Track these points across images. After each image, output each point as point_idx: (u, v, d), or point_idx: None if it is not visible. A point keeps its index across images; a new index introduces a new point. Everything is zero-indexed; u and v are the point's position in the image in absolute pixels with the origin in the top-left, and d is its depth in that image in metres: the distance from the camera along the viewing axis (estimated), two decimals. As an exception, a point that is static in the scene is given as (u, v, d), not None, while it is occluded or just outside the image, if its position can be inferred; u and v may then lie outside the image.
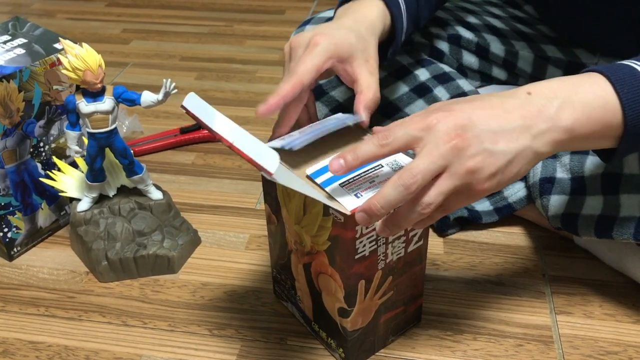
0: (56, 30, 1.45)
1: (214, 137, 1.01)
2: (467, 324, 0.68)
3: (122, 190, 0.77)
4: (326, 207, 0.53)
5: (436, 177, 0.47)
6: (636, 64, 0.51)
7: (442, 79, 0.81)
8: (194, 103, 0.51)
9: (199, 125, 1.02)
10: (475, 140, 0.46)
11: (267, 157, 0.45)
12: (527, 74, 0.86)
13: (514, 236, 0.80)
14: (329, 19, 0.88)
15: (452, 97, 0.79)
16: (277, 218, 0.61)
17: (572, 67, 0.84)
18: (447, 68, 0.82)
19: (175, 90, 0.69)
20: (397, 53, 0.72)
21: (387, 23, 0.64)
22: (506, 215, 0.79)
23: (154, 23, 1.47)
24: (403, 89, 0.80)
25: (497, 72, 0.87)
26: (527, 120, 0.48)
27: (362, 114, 0.57)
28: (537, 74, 0.86)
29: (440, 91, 0.79)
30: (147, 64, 1.28)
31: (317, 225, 0.55)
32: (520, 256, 0.77)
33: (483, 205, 0.80)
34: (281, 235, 0.62)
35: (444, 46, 0.85)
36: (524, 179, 0.77)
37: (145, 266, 0.73)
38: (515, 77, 0.87)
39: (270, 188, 0.60)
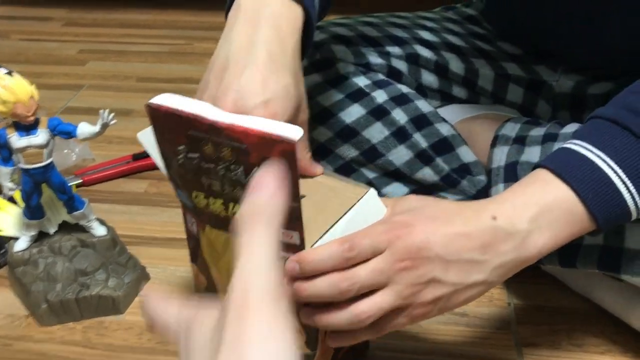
0: (10, 52, 1.40)
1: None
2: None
3: (64, 227, 0.72)
4: None
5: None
6: (592, 151, 0.49)
7: (400, 100, 0.78)
8: (172, 99, 0.45)
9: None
10: (427, 266, 0.45)
11: (285, 127, 0.41)
12: (488, 92, 0.84)
13: (478, 262, 0.77)
14: None
15: (410, 120, 0.76)
16: (207, 278, 0.56)
17: (533, 85, 0.81)
18: (405, 89, 0.79)
19: (114, 121, 0.65)
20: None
21: (301, 25, 0.53)
22: None
23: (112, 43, 1.43)
24: (360, 112, 0.77)
25: (458, 91, 0.84)
26: (488, 251, 0.46)
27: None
28: (498, 93, 0.83)
29: (398, 114, 0.76)
30: (103, 85, 1.24)
31: None
32: (485, 283, 0.74)
33: None
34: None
35: (402, 66, 0.82)
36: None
37: (88, 308, 0.69)
38: (477, 96, 0.85)
39: (195, 245, 0.54)
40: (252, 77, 0.48)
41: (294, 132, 0.40)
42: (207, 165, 0.45)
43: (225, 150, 0.43)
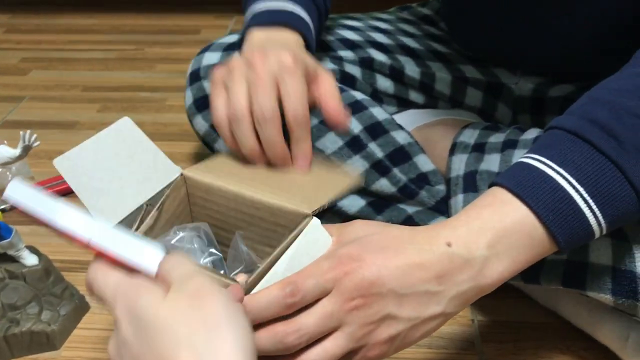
0: (-54, 62, 1.32)
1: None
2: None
3: (-9, 257, 0.67)
4: None
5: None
6: (551, 167, 0.45)
7: (354, 108, 0.73)
8: (22, 192, 0.39)
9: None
10: (380, 302, 0.41)
11: (145, 253, 0.36)
12: (446, 97, 0.80)
13: (441, 275, 0.73)
14: (232, 45, 0.81)
15: (365, 128, 0.72)
16: None
17: (492, 88, 0.78)
18: (359, 95, 0.75)
19: (37, 143, 0.59)
20: None
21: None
22: None
23: (57, 50, 1.36)
24: (312, 121, 0.72)
25: (415, 96, 0.81)
26: (444, 282, 0.42)
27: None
28: (456, 96, 0.80)
29: (352, 122, 0.72)
30: (46, 97, 1.17)
31: None
32: (448, 299, 0.70)
33: None
34: None
35: (355, 71, 0.78)
36: (448, 216, 0.70)
37: (19, 346, 0.63)
38: (434, 100, 0.81)
39: None
40: (276, 48, 0.57)
41: (153, 263, 0.35)
42: None
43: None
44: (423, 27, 0.85)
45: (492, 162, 0.65)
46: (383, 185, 0.71)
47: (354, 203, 0.73)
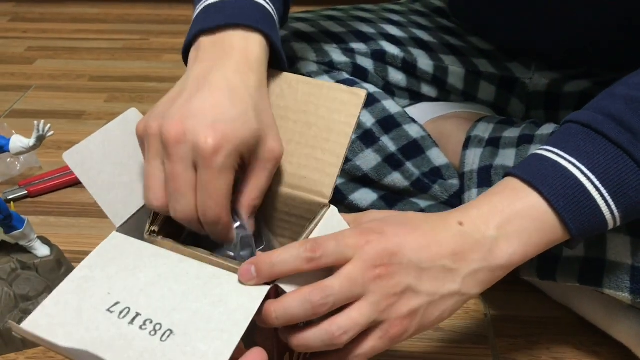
0: (-49, 50, 1.32)
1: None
2: (402, 381, 0.60)
3: (3, 248, 0.66)
4: None
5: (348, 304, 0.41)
6: (564, 158, 0.46)
7: (367, 101, 0.73)
8: None
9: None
10: (401, 273, 0.42)
11: None
12: (458, 91, 0.79)
13: (452, 269, 0.73)
14: None
15: (377, 122, 0.71)
16: None
17: (505, 83, 0.77)
18: (371, 88, 0.75)
19: (51, 133, 0.59)
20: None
21: (264, 55, 0.50)
22: None
23: (62, 39, 1.35)
24: None
25: (427, 90, 0.80)
26: (458, 259, 0.43)
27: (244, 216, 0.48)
28: (469, 91, 0.79)
29: (364, 115, 0.72)
30: (53, 86, 1.16)
31: None
32: (460, 293, 0.70)
33: None
34: None
35: (367, 63, 0.77)
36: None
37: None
38: (447, 94, 0.80)
39: None
40: (204, 99, 0.44)
41: None
42: None
43: None
44: (436, 20, 0.84)
45: (507, 157, 0.65)
46: (396, 179, 0.71)
47: (366, 197, 0.73)
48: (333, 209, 0.47)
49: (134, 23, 1.43)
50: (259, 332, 0.43)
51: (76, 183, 0.89)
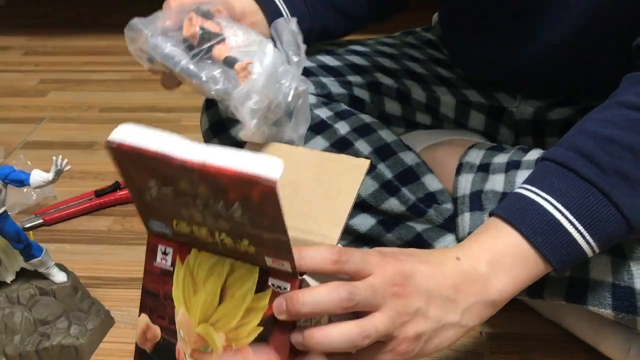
0: (-33, 84, 1.37)
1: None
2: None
3: (22, 275, 0.70)
4: (262, 281, 0.45)
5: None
6: (540, 196, 0.51)
7: (363, 131, 0.77)
8: (129, 133, 0.41)
9: (116, 186, 0.95)
10: (414, 296, 0.46)
11: (264, 162, 0.37)
12: (450, 120, 0.84)
13: (449, 289, 0.76)
14: None
15: (374, 150, 0.75)
16: (163, 328, 0.50)
17: (494, 111, 0.82)
18: (368, 118, 0.79)
19: (68, 167, 0.63)
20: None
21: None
22: None
23: (73, 72, 1.41)
24: (323, 144, 0.76)
25: (421, 118, 0.84)
26: (457, 291, 0.47)
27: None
28: (460, 120, 0.83)
29: (361, 144, 0.76)
30: (65, 117, 1.21)
31: (243, 310, 0.46)
32: (456, 312, 0.73)
33: None
34: (166, 351, 0.50)
35: (364, 94, 0.82)
36: (455, 234, 0.73)
37: (50, 359, 0.67)
38: (440, 122, 0.84)
39: (158, 283, 0.50)
40: None
41: (274, 170, 0.37)
42: (184, 199, 0.42)
43: (201, 187, 0.40)
44: (427, 52, 0.88)
45: (496, 182, 0.68)
46: (392, 204, 0.75)
47: (365, 222, 0.77)
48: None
49: (142, 55, 1.48)
50: (272, 338, 0.45)
51: (89, 211, 0.93)
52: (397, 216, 0.75)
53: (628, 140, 0.50)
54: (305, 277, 0.45)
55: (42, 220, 0.90)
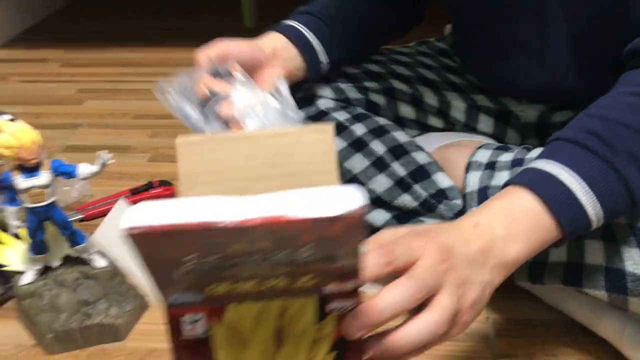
0: (10, 93, 1.46)
1: (166, 196, 1.02)
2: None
3: (67, 260, 0.77)
4: (321, 308, 0.41)
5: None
6: (556, 166, 0.54)
7: (378, 132, 0.83)
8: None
9: (149, 186, 1.02)
10: (459, 266, 0.47)
11: (343, 194, 0.33)
12: (461, 123, 0.89)
13: (459, 280, 0.81)
14: None
15: (388, 150, 0.81)
16: None
17: (501, 115, 0.87)
18: (383, 121, 0.85)
19: (112, 161, 0.70)
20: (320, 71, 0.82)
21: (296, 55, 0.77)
22: None
23: (108, 82, 1.49)
24: (341, 144, 0.82)
25: (434, 121, 0.90)
26: (484, 255, 0.49)
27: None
28: (470, 123, 0.89)
29: (376, 145, 0.82)
30: (101, 124, 1.29)
31: (308, 344, 0.42)
32: (465, 300, 0.78)
33: None
34: None
35: (379, 99, 0.88)
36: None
37: (91, 336, 0.73)
38: (451, 125, 0.90)
39: (195, 357, 0.42)
40: None
41: (357, 200, 0.33)
42: (233, 262, 0.37)
43: (264, 242, 0.35)
44: (440, 60, 0.94)
45: (502, 178, 0.74)
46: (405, 200, 0.80)
47: (380, 217, 0.82)
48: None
49: (173, 66, 1.55)
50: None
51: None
52: (410, 211, 0.81)
53: (634, 124, 0.55)
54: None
55: (82, 216, 0.97)
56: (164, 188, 1.02)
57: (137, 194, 1.01)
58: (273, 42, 0.77)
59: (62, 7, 2.03)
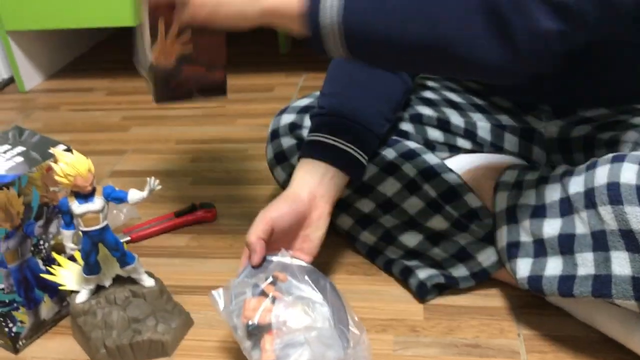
0: (60, 122, 1.54)
1: (208, 218, 1.06)
2: (444, 388, 0.71)
3: (117, 280, 0.82)
4: None
5: None
6: None
7: (410, 155, 0.86)
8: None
9: (193, 208, 1.07)
10: None
11: None
12: (488, 142, 0.92)
13: (490, 297, 0.84)
14: (305, 108, 0.95)
15: (419, 172, 0.85)
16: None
17: (525, 133, 0.90)
18: (412, 145, 0.88)
19: (160, 187, 0.75)
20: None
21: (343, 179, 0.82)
22: (482, 279, 0.83)
23: (151, 109, 1.56)
24: (373, 169, 0.86)
25: (462, 143, 0.93)
26: None
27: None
28: (497, 142, 0.92)
29: (407, 167, 0.85)
30: (146, 149, 1.35)
31: None
32: (497, 317, 0.81)
33: (460, 271, 0.84)
34: None
35: (408, 127, 0.92)
36: (494, 243, 0.81)
37: (140, 351, 0.78)
38: (480, 146, 0.93)
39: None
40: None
41: None
42: None
43: None
44: (464, 83, 0.98)
45: (529, 197, 0.76)
46: (437, 221, 0.83)
47: (413, 239, 0.86)
48: None
49: (212, 92, 1.62)
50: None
51: (170, 229, 1.05)
52: (442, 232, 0.84)
53: None
54: None
55: (129, 238, 1.03)
56: (206, 210, 1.07)
57: (181, 216, 1.06)
58: (308, 183, 0.79)
59: (106, 38, 2.13)
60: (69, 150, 0.78)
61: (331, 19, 0.62)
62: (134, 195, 0.75)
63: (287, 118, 0.96)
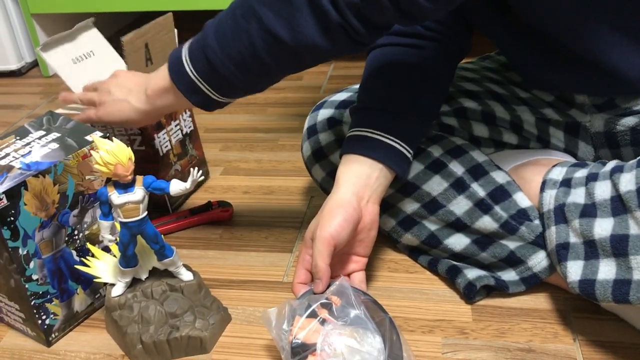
0: (86, 107, 1.51)
1: (224, 217, 1.03)
2: (497, 396, 0.68)
3: (154, 273, 0.79)
4: None
5: None
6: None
7: (456, 152, 0.83)
8: None
9: (208, 206, 1.03)
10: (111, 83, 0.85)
11: None
12: (534, 136, 0.88)
13: (541, 299, 0.80)
14: (343, 102, 0.91)
15: (467, 170, 0.81)
16: None
17: (570, 127, 0.86)
18: (459, 141, 0.84)
19: (202, 177, 0.72)
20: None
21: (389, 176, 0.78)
22: (533, 285, 0.80)
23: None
24: (418, 167, 0.83)
25: (508, 137, 0.89)
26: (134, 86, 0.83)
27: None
28: (542, 135, 0.88)
29: (455, 165, 0.81)
30: (174, 137, 1.32)
31: None
32: (549, 320, 0.77)
33: (509, 275, 0.80)
34: None
35: (452, 121, 0.88)
36: (544, 246, 0.77)
37: (178, 348, 0.75)
38: (526, 141, 0.89)
39: None
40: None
41: None
42: None
43: None
44: (505, 74, 0.93)
45: (578, 195, 0.72)
46: (486, 222, 0.79)
47: (459, 241, 0.82)
48: None
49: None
50: None
51: (185, 227, 1.02)
52: (490, 235, 0.80)
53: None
54: None
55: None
56: (222, 209, 1.03)
57: (196, 214, 1.02)
58: (355, 185, 0.75)
59: (131, 22, 2.10)
60: (108, 137, 0.75)
61: (189, 70, 0.72)
62: (176, 186, 0.71)
63: (325, 113, 0.92)
